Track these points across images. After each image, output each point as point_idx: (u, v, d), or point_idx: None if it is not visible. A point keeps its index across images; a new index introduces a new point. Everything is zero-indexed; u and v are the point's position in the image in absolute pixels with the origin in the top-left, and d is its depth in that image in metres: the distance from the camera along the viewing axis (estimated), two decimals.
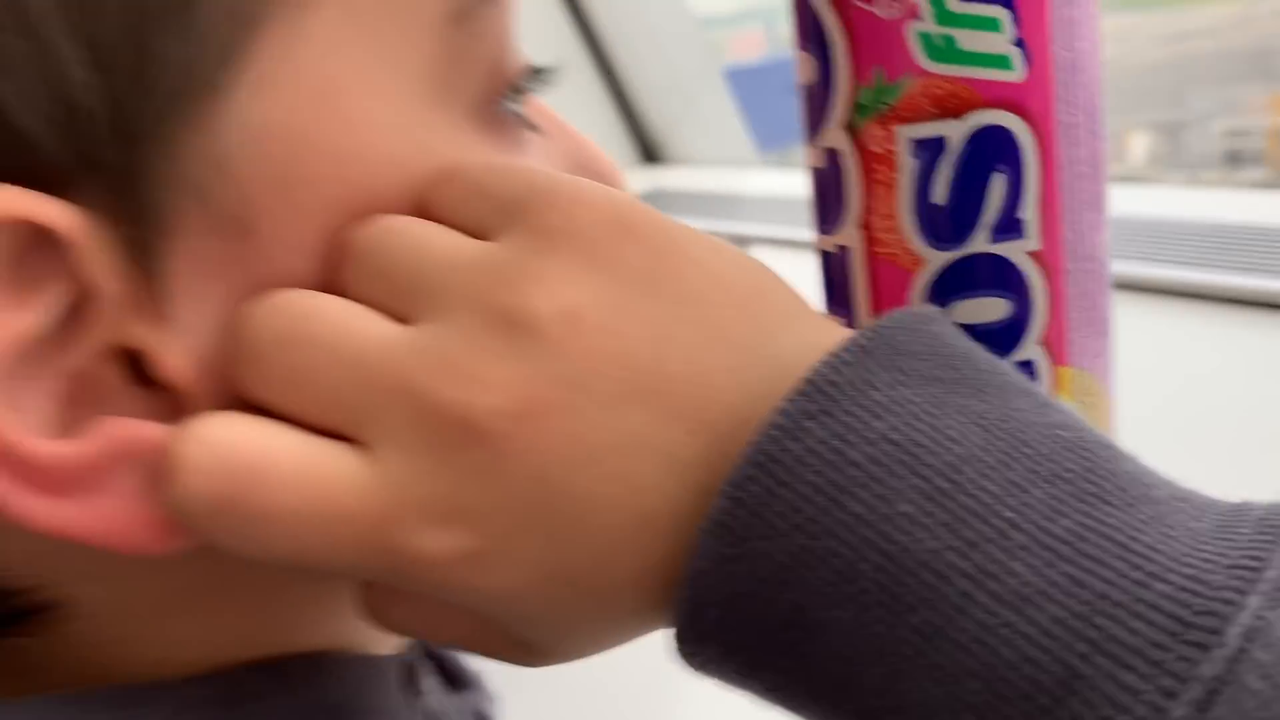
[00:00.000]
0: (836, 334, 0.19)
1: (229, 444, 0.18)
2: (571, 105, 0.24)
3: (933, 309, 0.19)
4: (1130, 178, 1.23)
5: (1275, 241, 0.74)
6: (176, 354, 0.19)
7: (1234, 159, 1.27)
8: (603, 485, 0.18)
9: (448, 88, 0.20)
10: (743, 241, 1.05)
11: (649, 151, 1.46)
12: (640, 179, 1.37)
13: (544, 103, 0.24)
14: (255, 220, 0.19)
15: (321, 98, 0.19)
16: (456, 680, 0.30)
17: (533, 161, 0.23)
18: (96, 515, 0.18)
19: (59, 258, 0.18)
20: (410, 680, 0.25)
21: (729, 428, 0.18)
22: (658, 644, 0.20)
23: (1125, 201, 0.84)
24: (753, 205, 1.16)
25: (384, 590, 0.20)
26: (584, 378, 0.18)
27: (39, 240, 0.17)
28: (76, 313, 0.18)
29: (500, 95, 0.22)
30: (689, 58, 1.40)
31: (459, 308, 0.18)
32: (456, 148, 0.21)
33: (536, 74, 0.23)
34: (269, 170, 0.19)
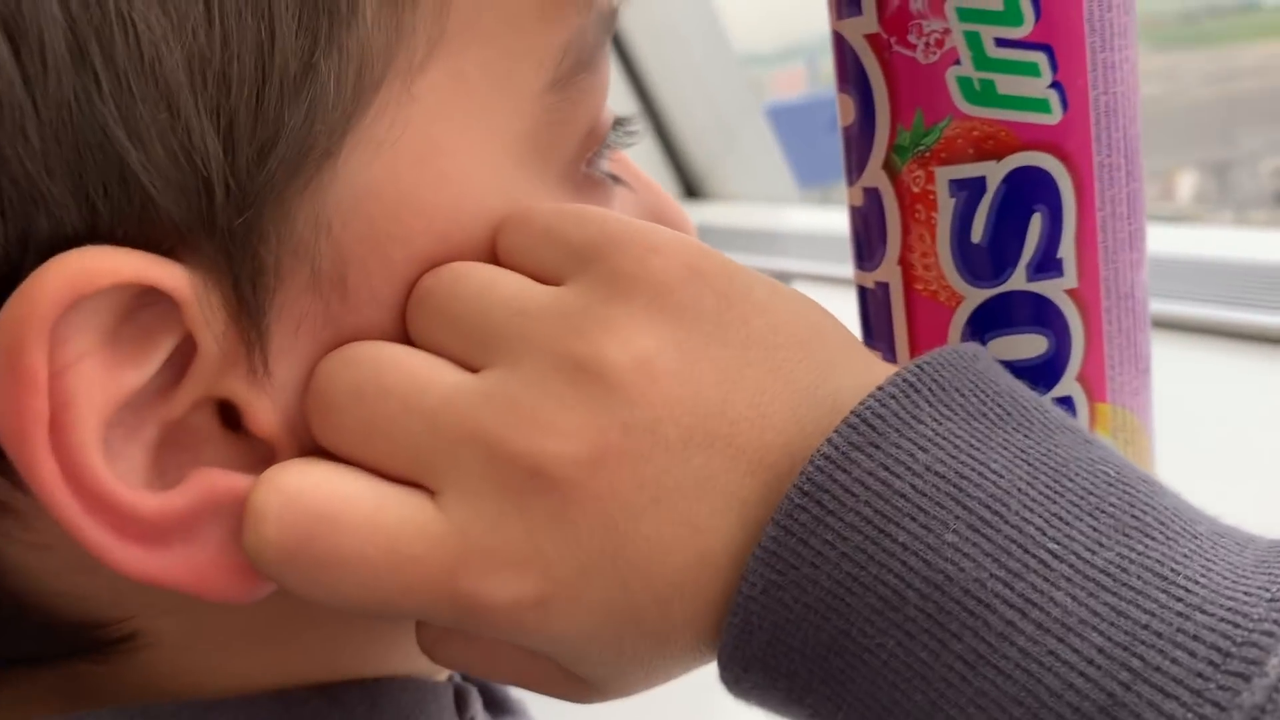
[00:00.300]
0: (886, 371, 0.19)
1: (300, 491, 0.18)
2: None
3: (976, 347, 0.20)
4: (1178, 217, 1.22)
5: None
6: (267, 406, 0.19)
7: None
8: (667, 528, 0.18)
9: (543, 150, 0.21)
10: (784, 277, 1.04)
11: (690, 188, 1.47)
12: None
13: (622, 153, 0.25)
14: (348, 276, 0.19)
15: (423, 160, 0.19)
16: (500, 707, 0.30)
17: (606, 208, 0.23)
18: (185, 564, 0.19)
19: (167, 316, 0.18)
20: (461, 706, 0.26)
21: (787, 466, 0.18)
22: (701, 672, 0.21)
23: (1172, 241, 0.83)
24: (793, 241, 1.16)
25: (438, 628, 0.20)
26: (653, 424, 0.18)
27: (149, 299, 0.18)
28: (178, 367, 0.19)
29: (592, 154, 0.22)
30: (731, 95, 1.41)
31: (529, 355, 0.19)
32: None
33: (621, 124, 0.23)
34: (366, 228, 0.19)
